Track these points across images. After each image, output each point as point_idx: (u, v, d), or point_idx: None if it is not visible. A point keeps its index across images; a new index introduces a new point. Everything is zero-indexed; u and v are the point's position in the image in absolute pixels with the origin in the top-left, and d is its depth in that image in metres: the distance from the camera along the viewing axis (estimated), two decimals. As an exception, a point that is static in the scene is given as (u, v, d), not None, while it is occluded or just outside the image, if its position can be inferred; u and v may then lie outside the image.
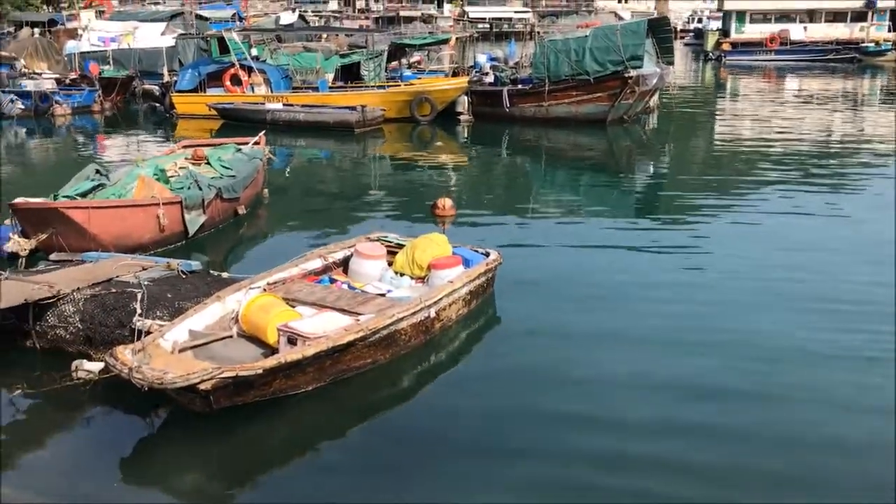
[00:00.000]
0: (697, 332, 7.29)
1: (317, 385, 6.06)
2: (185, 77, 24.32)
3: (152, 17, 36.41)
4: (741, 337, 7.17)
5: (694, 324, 7.48)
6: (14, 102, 23.44)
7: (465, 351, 7.11)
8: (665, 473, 5.12)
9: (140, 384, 5.23)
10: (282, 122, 21.06)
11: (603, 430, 5.63)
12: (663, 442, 5.49)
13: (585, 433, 5.60)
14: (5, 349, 6.76)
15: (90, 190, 10.31)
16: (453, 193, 13.44)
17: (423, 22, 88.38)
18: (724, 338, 7.16)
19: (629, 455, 5.31)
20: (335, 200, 13.76)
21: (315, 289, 7.33)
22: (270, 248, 10.42)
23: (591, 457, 5.32)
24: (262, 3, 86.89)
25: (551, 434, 5.61)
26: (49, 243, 8.82)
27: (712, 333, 7.27)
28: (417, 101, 22.50)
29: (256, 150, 13.31)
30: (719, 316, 7.70)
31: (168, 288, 7.03)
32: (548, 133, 20.87)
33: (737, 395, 6.13)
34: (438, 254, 7.79)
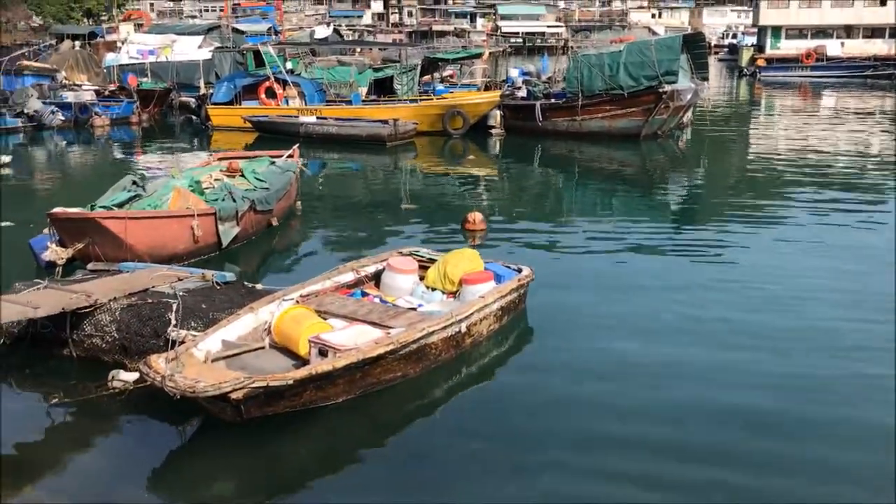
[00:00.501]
0: (743, 358, 7.15)
1: (347, 397, 6.08)
2: (220, 90, 24.66)
3: (190, 30, 36.96)
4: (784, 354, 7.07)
5: (739, 351, 7.32)
6: (55, 114, 23.93)
7: (495, 367, 7.07)
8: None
9: (172, 392, 5.28)
10: (315, 134, 21.25)
11: (637, 452, 5.55)
12: (705, 469, 5.37)
13: (619, 454, 5.53)
14: (43, 357, 6.87)
15: (127, 201, 10.45)
16: (484, 207, 13.44)
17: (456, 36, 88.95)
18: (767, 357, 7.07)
19: (664, 480, 5.23)
20: (366, 213, 13.83)
21: (347, 302, 7.36)
22: (302, 260, 10.49)
23: (625, 479, 5.25)
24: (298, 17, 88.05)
25: (583, 454, 5.55)
26: (86, 253, 8.95)
27: (755, 354, 7.16)
28: (450, 115, 22.59)
29: (290, 162, 13.43)
30: (760, 337, 7.58)
31: (202, 299, 7.11)
32: (580, 147, 20.82)
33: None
34: (470, 269, 7.79)
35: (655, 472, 5.30)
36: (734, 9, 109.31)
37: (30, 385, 6.58)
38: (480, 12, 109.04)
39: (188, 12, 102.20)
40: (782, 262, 10.09)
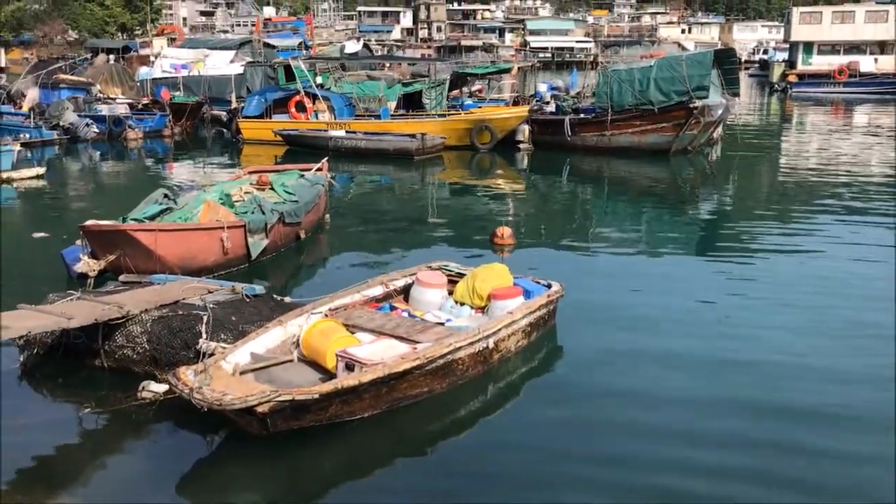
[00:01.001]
0: (776, 372, 7.07)
1: (373, 412, 6.06)
2: (251, 103, 24.95)
3: (222, 44, 37.41)
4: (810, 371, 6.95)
5: (772, 365, 7.23)
6: (89, 126, 24.33)
7: (523, 383, 7.02)
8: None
9: (199, 405, 5.30)
10: (344, 148, 21.39)
11: (667, 475, 5.46)
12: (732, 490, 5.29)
13: (649, 478, 5.44)
14: (75, 368, 6.95)
15: (158, 213, 10.57)
16: (512, 222, 13.42)
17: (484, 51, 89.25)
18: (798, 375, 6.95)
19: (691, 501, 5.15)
20: (394, 227, 13.86)
21: (375, 315, 7.37)
22: (330, 273, 10.53)
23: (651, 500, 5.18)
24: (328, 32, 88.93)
25: (612, 476, 5.47)
26: (117, 264, 9.05)
27: (787, 370, 7.07)
28: (477, 130, 22.63)
29: (319, 176, 13.51)
30: (791, 352, 7.47)
31: (232, 311, 7.14)
32: (610, 162, 20.74)
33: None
34: (499, 284, 7.76)
35: (685, 494, 5.22)
36: (765, 24, 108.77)
37: (62, 395, 6.66)
38: (509, 27, 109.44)
39: (220, 27, 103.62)
40: (815, 279, 9.95)
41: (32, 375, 6.91)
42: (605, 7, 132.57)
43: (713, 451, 5.73)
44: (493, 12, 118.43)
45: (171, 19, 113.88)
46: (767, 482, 5.35)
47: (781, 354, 7.47)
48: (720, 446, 5.81)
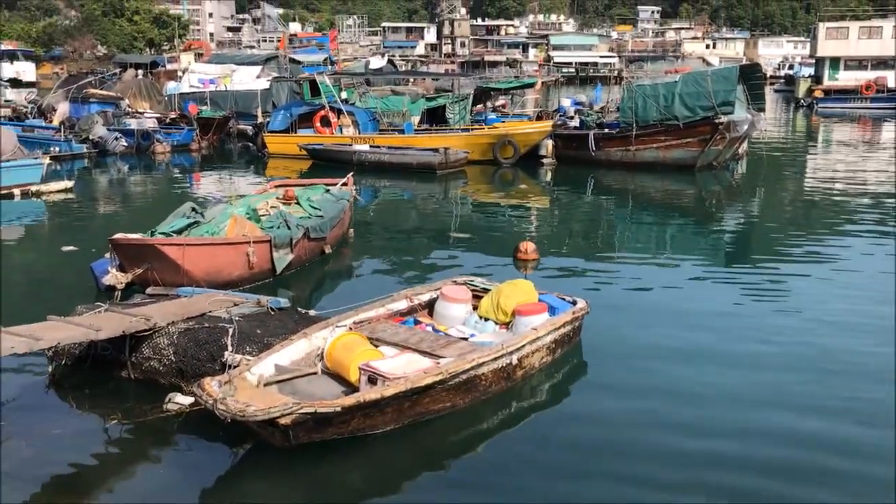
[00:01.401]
0: (802, 390, 7.00)
1: (395, 426, 6.07)
2: (277, 118, 25.18)
3: (249, 60, 37.92)
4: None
5: (799, 383, 7.17)
6: (118, 140, 24.65)
7: (547, 401, 6.99)
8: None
9: (223, 416, 5.34)
10: (367, 162, 21.52)
11: (694, 496, 5.41)
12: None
13: (671, 497, 5.39)
14: (102, 379, 7.03)
15: (186, 227, 10.68)
16: (536, 237, 13.40)
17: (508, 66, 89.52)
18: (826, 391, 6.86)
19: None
20: (418, 241, 13.89)
21: (399, 330, 7.38)
22: (354, 287, 10.56)
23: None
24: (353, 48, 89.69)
25: (635, 496, 5.41)
26: (145, 277, 9.15)
27: (814, 388, 7.00)
28: (501, 144, 22.67)
29: (344, 191, 13.60)
30: (819, 370, 7.39)
31: (258, 324, 7.19)
32: (634, 177, 20.67)
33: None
34: (524, 300, 7.74)
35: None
36: (790, 39, 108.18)
37: (89, 406, 6.73)
38: (533, 43, 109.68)
39: (247, 42, 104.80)
40: (841, 296, 9.85)
41: (60, 386, 6.99)
42: (629, 22, 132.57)
43: (745, 477, 5.63)
44: (517, 28, 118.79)
45: (199, 35, 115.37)
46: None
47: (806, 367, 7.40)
48: (751, 471, 5.72)
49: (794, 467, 5.73)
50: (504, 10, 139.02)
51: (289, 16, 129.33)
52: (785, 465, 5.75)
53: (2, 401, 6.62)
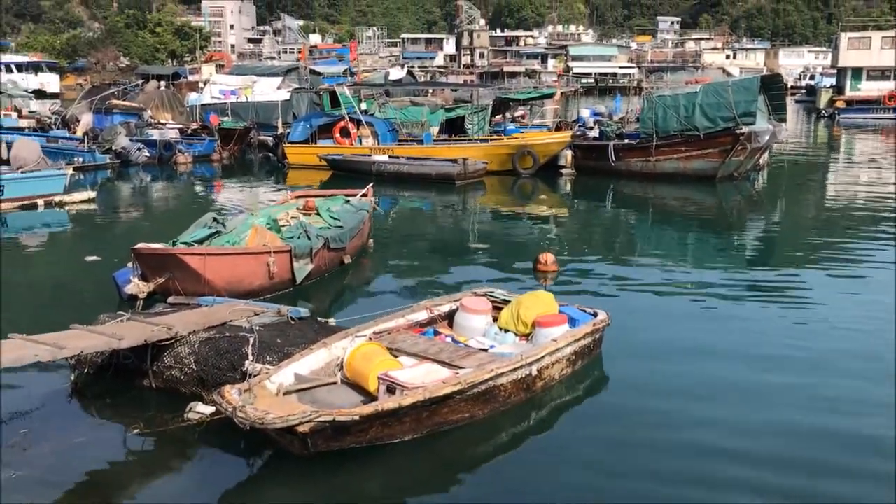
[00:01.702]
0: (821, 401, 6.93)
1: (413, 436, 6.07)
2: (297, 129, 25.36)
3: (269, 71, 38.21)
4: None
5: (818, 393, 7.10)
6: (141, 150, 24.90)
7: (567, 412, 6.94)
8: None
9: (242, 423, 5.36)
10: (386, 173, 21.58)
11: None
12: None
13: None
14: (124, 387, 7.08)
15: (207, 237, 10.76)
16: (555, 248, 13.36)
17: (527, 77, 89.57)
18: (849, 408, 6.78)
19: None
20: (437, 251, 13.90)
21: (419, 340, 7.39)
22: (374, 298, 10.58)
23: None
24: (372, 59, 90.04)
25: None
26: (166, 287, 9.22)
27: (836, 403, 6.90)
28: (520, 154, 22.68)
29: (364, 201, 13.65)
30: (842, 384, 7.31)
31: (278, 333, 7.23)
32: (654, 188, 20.60)
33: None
34: (544, 311, 7.72)
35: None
36: (812, 49, 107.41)
37: (111, 414, 6.78)
38: (552, 53, 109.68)
39: (267, 54, 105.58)
40: (863, 307, 9.74)
41: (83, 394, 7.05)
42: (649, 33, 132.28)
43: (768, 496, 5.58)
44: (536, 38, 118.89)
45: (220, 46, 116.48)
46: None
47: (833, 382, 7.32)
48: (774, 490, 5.66)
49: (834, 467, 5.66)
50: (523, 21, 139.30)
51: (309, 27, 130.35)
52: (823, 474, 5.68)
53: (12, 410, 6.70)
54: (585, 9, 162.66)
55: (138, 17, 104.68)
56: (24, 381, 7.18)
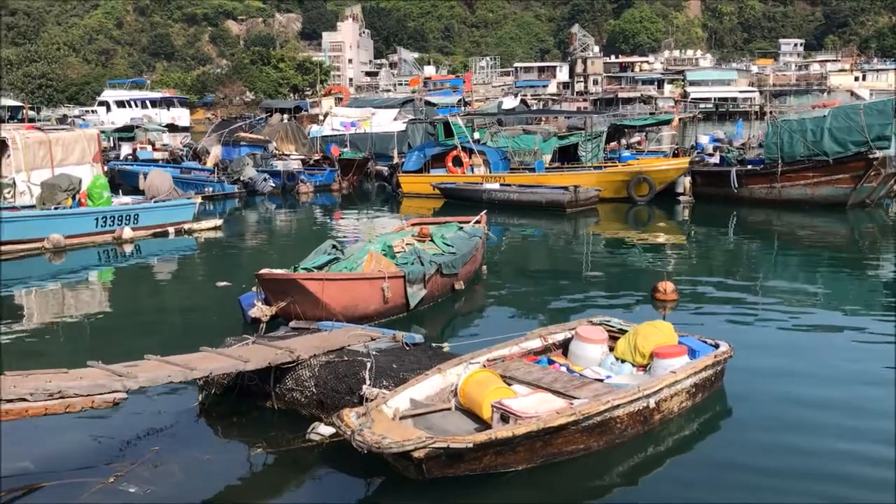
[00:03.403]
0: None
1: (527, 465, 6.00)
2: (411, 158, 25.91)
3: (386, 103, 39.24)
4: None
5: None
6: (266, 181, 26.03)
7: (686, 447, 6.70)
8: None
9: (360, 447, 5.44)
10: (497, 201, 21.67)
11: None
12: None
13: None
14: (248, 408, 7.35)
15: (326, 263, 11.09)
16: (674, 277, 12.99)
17: (642, 103, 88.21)
18: None
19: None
20: (550, 279, 13.79)
21: (532, 368, 7.33)
22: (486, 324, 10.58)
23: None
24: (485, 89, 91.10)
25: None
26: (287, 310, 9.53)
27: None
28: (635, 182, 22.33)
29: (477, 228, 13.74)
30: None
31: (394, 359, 7.34)
32: (780, 216, 19.80)
33: None
34: (662, 342, 7.52)
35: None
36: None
37: (236, 434, 7.04)
38: (668, 78, 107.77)
39: (383, 86, 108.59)
40: None
41: (209, 414, 7.36)
42: (770, 56, 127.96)
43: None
44: (652, 64, 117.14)
45: (339, 80, 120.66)
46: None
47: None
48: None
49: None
50: (638, 46, 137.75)
51: (424, 59, 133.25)
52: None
53: (146, 427, 7.04)
54: (703, 33, 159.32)
55: (263, 54, 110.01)
56: (155, 400, 7.57)
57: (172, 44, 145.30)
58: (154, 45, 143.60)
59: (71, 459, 6.37)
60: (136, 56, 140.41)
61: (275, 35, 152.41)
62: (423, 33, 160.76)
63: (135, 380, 5.95)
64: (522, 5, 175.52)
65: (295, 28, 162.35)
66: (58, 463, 6.30)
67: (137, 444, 6.67)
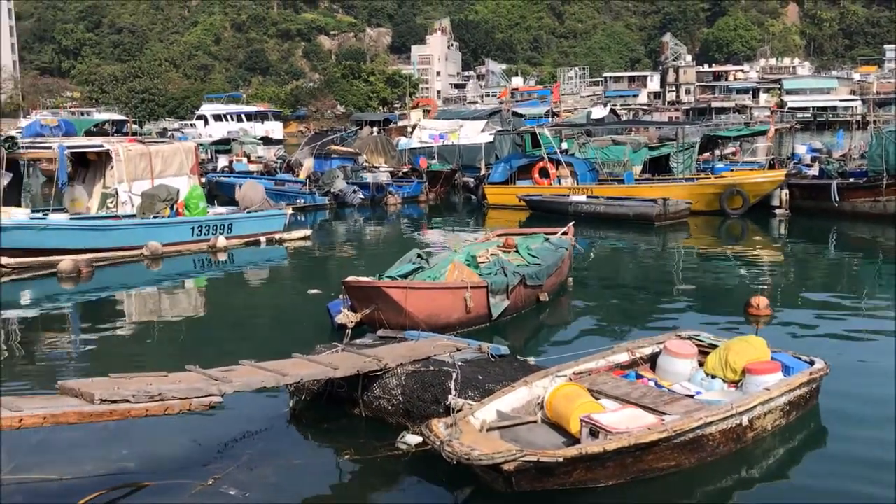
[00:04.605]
0: None
1: (617, 481, 5.91)
2: (497, 170, 25.91)
3: (474, 115, 39.43)
4: None
5: None
6: (356, 192, 26.52)
7: (780, 467, 6.50)
8: None
9: (449, 458, 5.47)
10: (583, 213, 21.40)
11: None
12: None
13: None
14: (336, 415, 7.50)
15: (411, 272, 11.24)
16: (768, 292, 12.58)
17: (736, 112, 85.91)
18: None
19: None
20: (637, 292, 13.56)
21: (620, 383, 7.23)
22: (571, 337, 10.49)
23: None
24: (573, 99, 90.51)
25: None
26: (372, 317, 9.68)
27: None
28: (728, 194, 21.75)
29: (563, 239, 13.64)
30: None
31: (479, 370, 7.36)
32: (885, 231, 18.88)
33: None
34: (755, 358, 7.30)
35: None
36: None
37: (325, 440, 7.19)
38: (764, 87, 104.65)
39: (470, 98, 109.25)
40: None
41: (300, 419, 7.54)
42: (874, 63, 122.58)
43: None
44: (747, 73, 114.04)
45: (427, 92, 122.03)
46: None
47: None
48: None
49: None
50: (733, 55, 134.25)
51: (512, 70, 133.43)
52: None
53: (241, 430, 7.27)
54: (801, 40, 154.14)
55: (354, 68, 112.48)
56: (248, 404, 7.77)
57: (267, 59, 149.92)
58: (250, 60, 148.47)
59: (170, 460, 6.64)
60: (232, 71, 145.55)
61: (365, 49, 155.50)
62: (511, 44, 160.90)
63: (230, 384, 6.16)
64: (613, 15, 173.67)
65: (385, 42, 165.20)
66: (157, 463, 6.57)
67: (233, 447, 6.88)
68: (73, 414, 5.35)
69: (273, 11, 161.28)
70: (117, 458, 6.67)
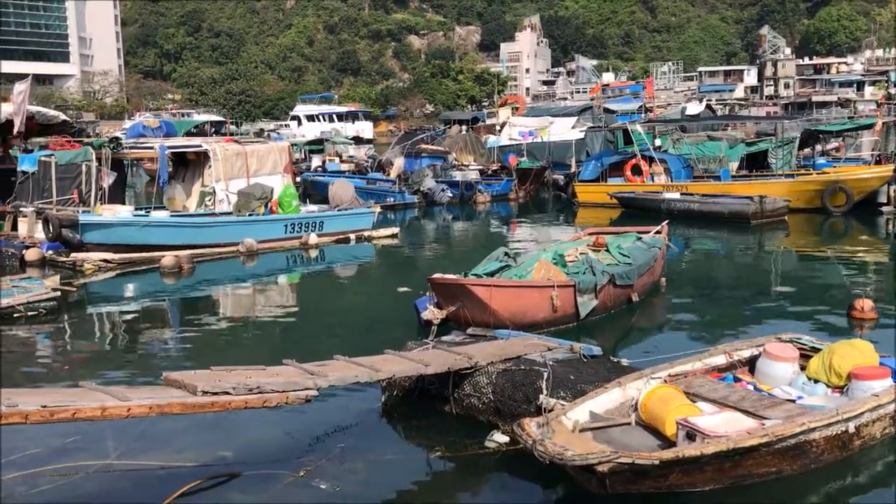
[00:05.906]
0: None
1: (714, 486, 5.75)
2: (588, 167, 25.58)
3: (564, 111, 39.01)
4: None
5: None
6: (445, 191, 26.69)
7: (889, 477, 6.20)
8: None
9: (542, 457, 5.43)
10: (676, 211, 20.86)
11: None
12: None
13: None
14: (427, 411, 7.56)
15: (497, 270, 11.19)
16: (873, 294, 11.99)
17: (840, 106, 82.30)
18: None
19: None
20: (733, 294, 13.14)
21: (718, 386, 7.04)
22: (664, 338, 10.28)
23: None
24: (667, 95, 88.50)
25: None
26: (457, 315, 9.72)
27: None
28: (830, 191, 20.86)
29: (657, 238, 13.35)
30: None
31: (571, 370, 7.29)
32: None
33: None
34: (861, 362, 6.98)
35: None
36: None
37: (416, 436, 7.28)
38: (869, 80, 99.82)
39: (560, 94, 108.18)
40: None
41: (391, 415, 7.64)
42: None
43: None
44: (851, 65, 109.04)
45: (515, 90, 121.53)
46: None
47: None
48: None
49: None
50: (835, 46, 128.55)
51: (602, 66, 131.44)
52: None
53: (334, 424, 7.40)
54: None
55: (443, 67, 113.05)
56: (341, 398, 7.92)
57: (358, 60, 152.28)
58: (342, 61, 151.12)
59: (265, 451, 6.83)
60: (325, 72, 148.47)
61: (454, 48, 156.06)
62: (601, 40, 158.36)
63: (325, 378, 6.29)
64: (708, 8, 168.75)
65: (474, 40, 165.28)
66: (252, 454, 6.76)
67: (325, 440, 7.03)
68: (177, 405, 5.57)
69: (364, 13, 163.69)
70: (215, 447, 6.91)
